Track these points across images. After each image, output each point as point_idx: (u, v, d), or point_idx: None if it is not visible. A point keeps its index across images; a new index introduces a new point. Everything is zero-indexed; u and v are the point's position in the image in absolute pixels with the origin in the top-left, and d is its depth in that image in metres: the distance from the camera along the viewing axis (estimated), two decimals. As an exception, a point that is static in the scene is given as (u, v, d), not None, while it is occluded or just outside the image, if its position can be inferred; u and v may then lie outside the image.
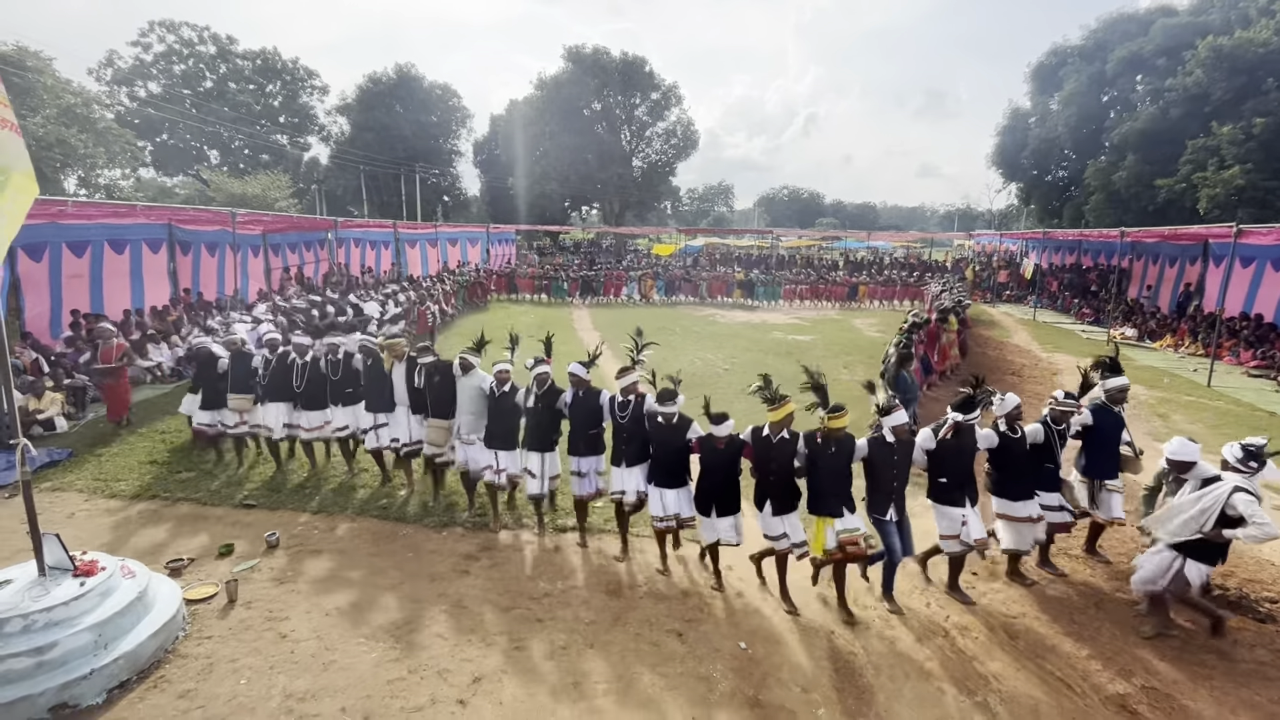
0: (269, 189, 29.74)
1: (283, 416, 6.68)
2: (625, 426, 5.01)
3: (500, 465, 5.57)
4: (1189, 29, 27.91)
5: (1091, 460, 5.17)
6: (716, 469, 4.67)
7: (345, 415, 6.59)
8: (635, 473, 5.02)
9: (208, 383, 6.92)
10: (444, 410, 5.94)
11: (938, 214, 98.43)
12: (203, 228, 15.36)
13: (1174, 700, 3.78)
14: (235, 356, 6.78)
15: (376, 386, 6.37)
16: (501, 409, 5.53)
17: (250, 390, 6.77)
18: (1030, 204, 39.66)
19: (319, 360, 6.58)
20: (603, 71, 44.76)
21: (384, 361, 6.41)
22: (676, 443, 4.79)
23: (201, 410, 6.95)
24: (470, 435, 5.73)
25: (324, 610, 4.49)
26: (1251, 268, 15.28)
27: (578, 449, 5.32)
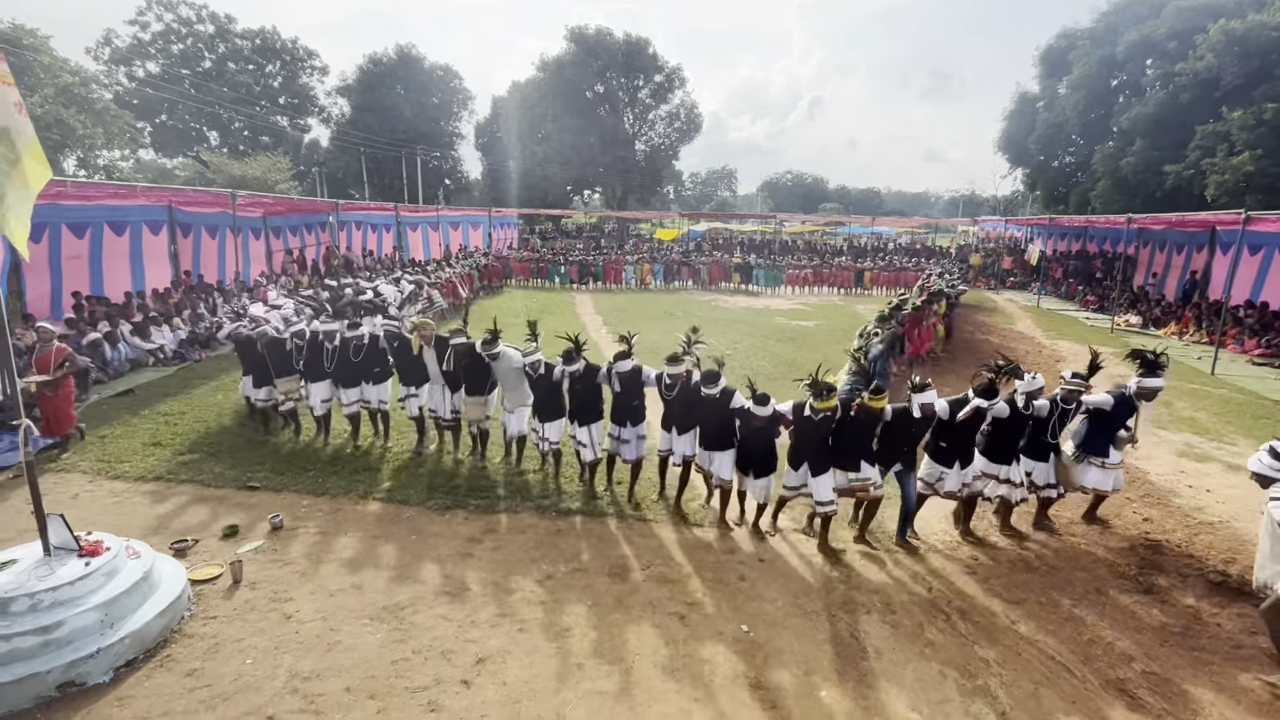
0: (269, 171, 29.55)
1: (324, 393, 7.12)
2: (673, 402, 5.57)
3: (546, 434, 6.10)
4: (1201, 12, 27.44)
5: (1090, 439, 5.40)
6: (756, 436, 5.22)
7: (376, 392, 7.05)
8: (685, 439, 5.61)
9: (252, 364, 7.30)
10: (477, 388, 6.41)
11: (942, 200, 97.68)
12: (203, 210, 15.28)
13: (1174, 685, 3.80)
14: (270, 344, 7.07)
15: (408, 364, 6.82)
16: (543, 387, 6.00)
17: (293, 372, 7.19)
18: (1036, 190, 39.32)
19: (347, 344, 6.94)
20: (605, 53, 44.22)
21: (413, 344, 6.65)
22: (722, 415, 5.29)
23: (256, 388, 7.36)
24: (513, 406, 6.32)
25: (328, 591, 4.52)
26: (1260, 255, 15.16)
27: (621, 419, 5.82)
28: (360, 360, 6.92)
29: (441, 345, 6.46)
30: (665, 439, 5.74)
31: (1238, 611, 4.49)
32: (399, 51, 46.98)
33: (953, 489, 5.30)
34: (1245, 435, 8.18)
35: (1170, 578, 4.90)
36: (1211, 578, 4.86)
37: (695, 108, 48.52)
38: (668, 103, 48.00)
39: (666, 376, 5.48)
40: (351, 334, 6.91)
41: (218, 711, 3.42)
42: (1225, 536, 5.56)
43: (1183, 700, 3.68)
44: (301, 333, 7.07)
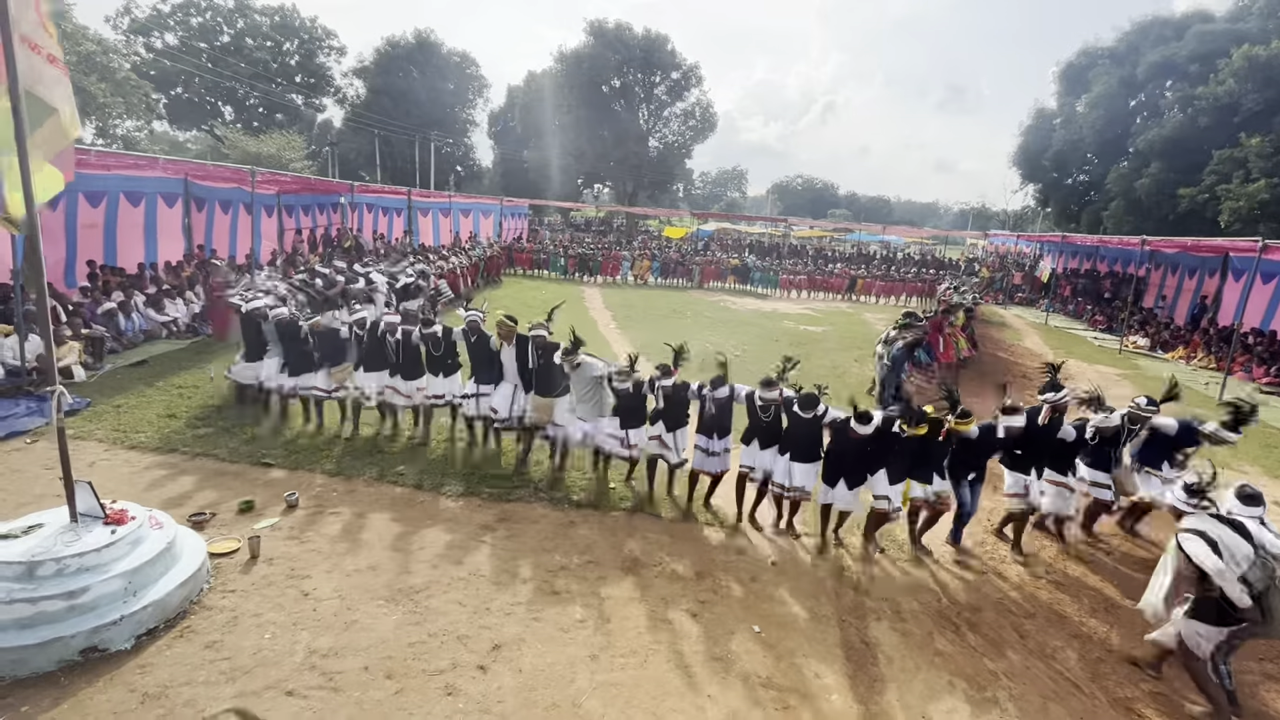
0: (284, 149, 29.53)
1: (378, 383, 6.81)
2: (765, 422, 5.51)
3: (631, 440, 5.91)
4: (1225, 36, 27.40)
5: (1147, 452, 5.66)
6: (849, 452, 5.26)
7: (442, 385, 6.79)
8: (767, 454, 5.55)
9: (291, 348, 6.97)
10: (547, 389, 6.20)
11: (952, 211, 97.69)
12: (218, 184, 15.29)
13: (1181, 707, 3.83)
14: (322, 335, 6.85)
15: (483, 360, 6.51)
16: (633, 403, 5.84)
17: (343, 361, 6.93)
18: (1048, 206, 39.28)
19: (412, 335, 6.66)
20: (624, 48, 44.14)
21: (494, 341, 6.43)
22: (814, 430, 5.36)
23: (294, 375, 6.98)
24: (588, 416, 6.03)
25: (344, 571, 4.56)
26: (1273, 284, 15.16)
27: (710, 432, 5.68)
28: (440, 354, 6.65)
29: (522, 343, 6.25)
30: (748, 454, 5.63)
31: (1245, 637, 4.52)
32: (417, 36, 46.95)
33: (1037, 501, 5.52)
34: (1254, 463, 8.20)
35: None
36: (1219, 602, 4.88)
37: (710, 107, 48.50)
38: (683, 100, 47.94)
39: (759, 399, 5.43)
40: (428, 330, 6.61)
41: (238, 684, 3.46)
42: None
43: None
44: (363, 321, 6.79)
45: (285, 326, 6.89)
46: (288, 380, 6.98)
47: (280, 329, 6.94)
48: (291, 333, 6.87)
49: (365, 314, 7.03)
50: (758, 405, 5.46)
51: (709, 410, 5.61)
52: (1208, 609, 3.63)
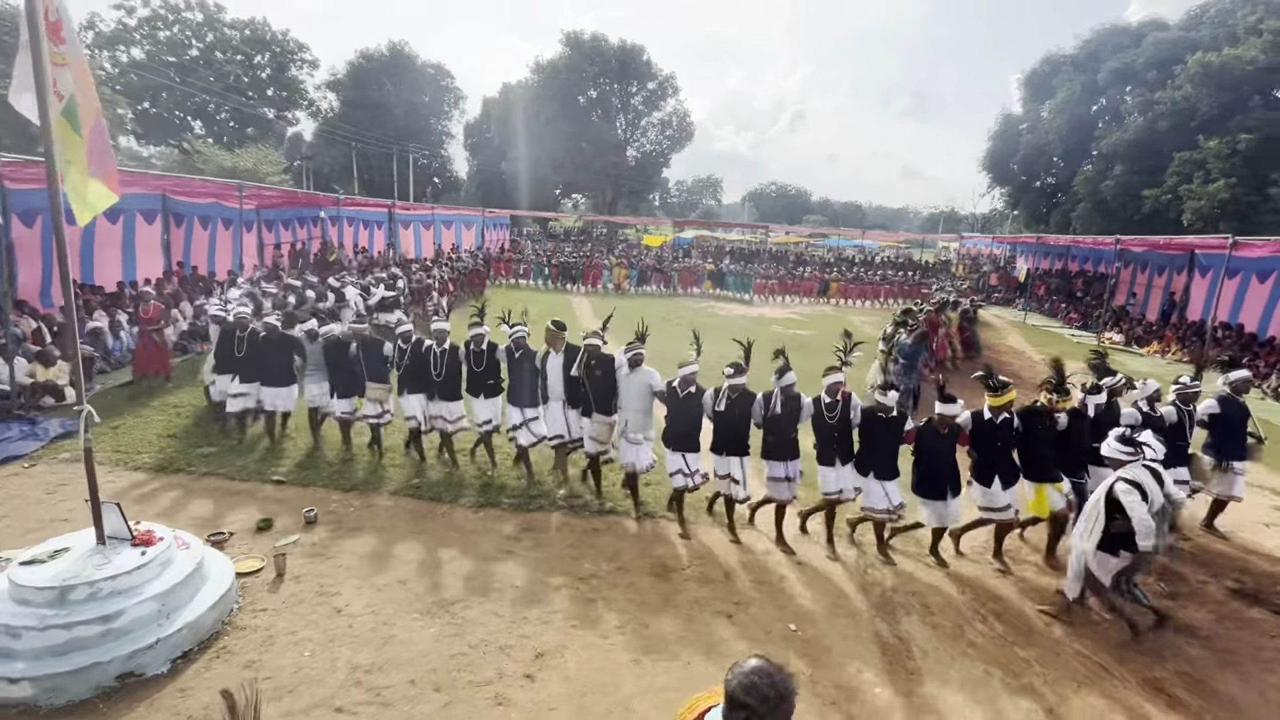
0: (260, 163, 29.05)
1: (423, 408, 6.41)
2: (835, 426, 5.13)
3: (692, 468, 5.39)
4: (1179, 44, 28.59)
5: (1219, 443, 5.74)
6: (942, 452, 5.02)
7: (485, 408, 6.32)
8: (848, 471, 5.20)
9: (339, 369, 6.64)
10: (606, 406, 5.75)
11: (921, 215, 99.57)
12: (196, 200, 15.01)
13: (1206, 685, 3.97)
14: (366, 346, 6.48)
15: (526, 380, 6.08)
16: (685, 411, 5.35)
17: (385, 379, 6.56)
18: (1017, 209, 40.41)
19: (457, 350, 6.29)
20: (600, 59, 44.39)
21: (540, 353, 6.07)
22: (894, 435, 5.09)
23: (341, 397, 6.65)
24: (637, 434, 5.56)
25: (375, 586, 4.50)
26: (1238, 279, 15.78)
27: (781, 454, 5.22)
28: (482, 369, 6.19)
29: (572, 353, 5.81)
30: (829, 476, 5.22)
31: (1256, 616, 4.70)
32: (391, 48, 46.71)
33: None
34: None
35: (1191, 584, 5.10)
36: (1229, 584, 5.07)
37: (687, 116, 48.92)
38: (660, 110, 48.30)
39: (825, 394, 5.14)
40: (473, 333, 6.14)
41: (284, 703, 3.39)
42: (1235, 546, 5.80)
43: (1216, 698, 3.85)
44: (408, 334, 6.40)
45: (333, 347, 6.58)
46: (338, 404, 6.65)
47: (328, 351, 6.64)
48: (340, 354, 6.55)
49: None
50: (824, 405, 5.13)
51: (774, 410, 5.18)
52: (1113, 544, 4.05)
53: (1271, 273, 15.11)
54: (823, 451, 5.22)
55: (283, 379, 6.84)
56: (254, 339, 6.82)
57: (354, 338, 6.57)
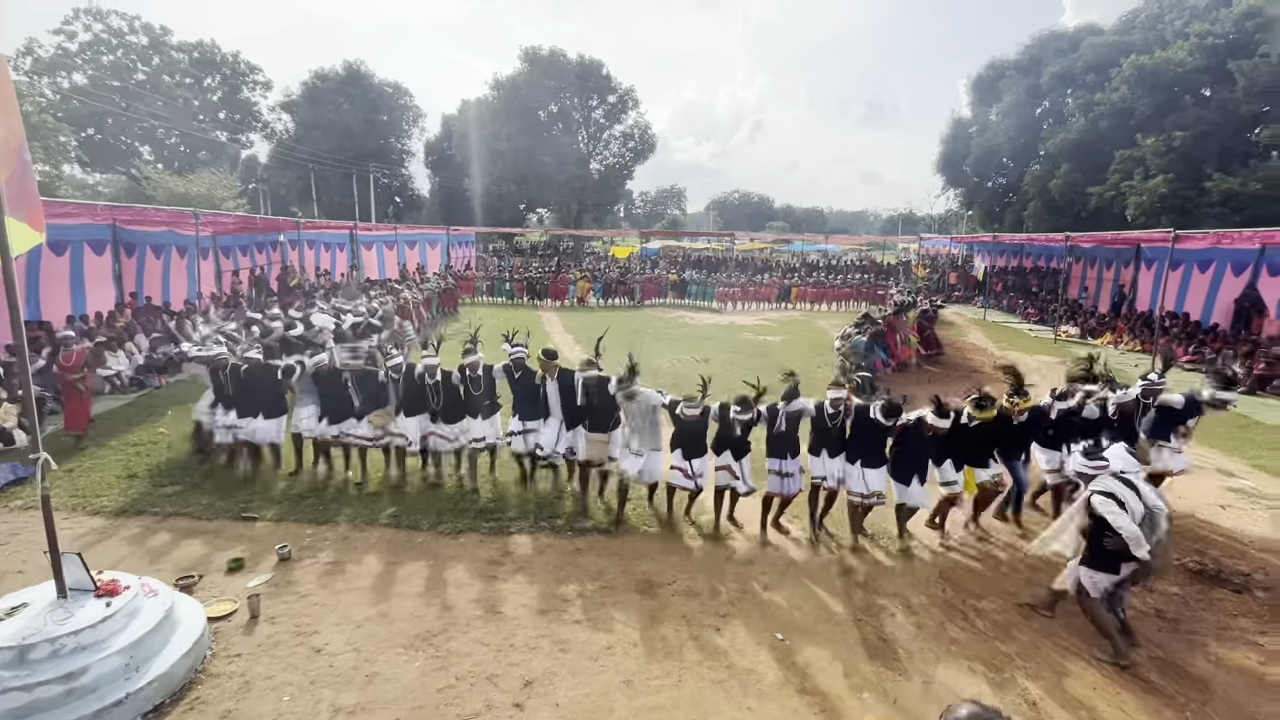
0: (214, 188, 28.29)
1: (421, 428, 6.52)
2: (834, 430, 5.60)
3: (695, 471, 5.70)
4: (1114, 48, 29.96)
5: (1156, 427, 6.14)
6: (920, 448, 5.49)
7: (483, 427, 6.48)
8: (836, 462, 5.62)
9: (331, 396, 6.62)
10: (603, 425, 6.00)
11: (881, 218, 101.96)
12: (148, 228, 14.56)
13: (1177, 667, 4.12)
14: (362, 377, 6.55)
15: (528, 395, 6.30)
16: (692, 428, 5.66)
17: (384, 404, 6.56)
18: (971, 209, 41.70)
19: (450, 376, 6.40)
20: (559, 73, 44.60)
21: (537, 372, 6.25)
22: (883, 434, 5.49)
23: (333, 423, 6.62)
24: (643, 449, 5.77)
25: (354, 622, 4.38)
26: (1180, 270, 16.53)
27: (782, 452, 5.62)
28: (479, 393, 6.37)
29: (566, 378, 6.12)
30: (818, 465, 5.69)
31: (1218, 596, 4.90)
32: (346, 68, 46.13)
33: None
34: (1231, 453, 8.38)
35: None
36: (1190, 566, 5.27)
37: (649, 129, 49.43)
38: (621, 123, 48.71)
39: (829, 405, 5.54)
40: (468, 360, 6.30)
41: (264, 752, 3.28)
42: (1191, 526, 6.04)
43: (1188, 680, 3.99)
44: (400, 365, 6.47)
45: (325, 374, 6.61)
46: (329, 428, 6.63)
47: (319, 378, 6.64)
48: (331, 380, 6.59)
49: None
50: (827, 414, 5.54)
51: (779, 428, 5.56)
52: (1105, 558, 4.05)
53: (1211, 263, 15.88)
54: (815, 444, 5.73)
55: (273, 410, 6.76)
56: (236, 375, 6.69)
57: (348, 369, 6.56)
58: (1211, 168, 24.54)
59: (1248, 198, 23.17)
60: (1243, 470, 7.65)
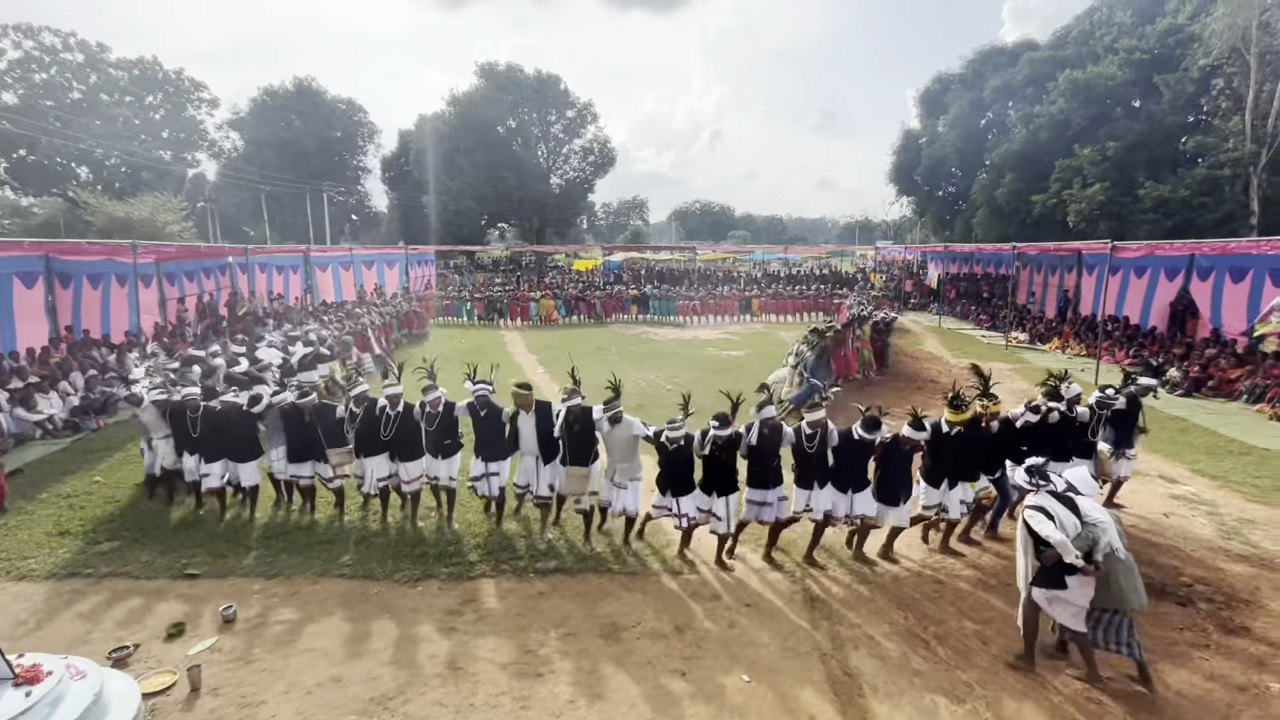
0: (157, 211, 27.21)
1: (382, 469, 6.32)
2: (814, 454, 5.52)
3: (682, 510, 5.58)
4: (1050, 62, 31.37)
5: (1121, 434, 6.54)
6: (901, 465, 5.54)
7: (441, 467, 6.28)
8: (825, 492, 5.58)
9: (296, 435, 6.45)
10: (582, 458, 5.81)
11: (838, 225, 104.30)
12: (85, 257, 13.90)
13: (1127, 687, 4.21)
14: (320, 411, 6.36)
15: (494, 435, 6.10)
16: (676, 459, 5.53)
17: (344, 443, 6.39)
18: (924, 217, 42.98)
19: (411, 410, 6.22)
20: (517, 89, 44.51)
21: (507, 412, 6.04)
22: (865, 454, 5.53)
23: (295, 463, 6.48)
24: (624, 480, 5.73)
25: (305, 689, 4.18)
26: (1119, 275, 17.29)
27: (764, 482, 5.57)
28: (434, 429, 6.18)
29: (544, 411, 5.92)
30: (803, 497, 5.61)
31: (1164, 610, 5.05)
32: (297, 84, 45.20)
33: None
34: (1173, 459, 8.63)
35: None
36: (1139, 581, 5.43)
37: (608, 142, 49.66)
38: (581, 137, 48.82)
39: (806, 427, 5.49)
40: (429, 396, 6.12)
41: (204, 847, 3.08)
42: (1136, 539, 6.24)
43: (1139, 701, 4.09)
44: (362, 397, 6.28)
45: (288, 411, 6.41)
46: (296, 468, 6.48)
47: (285, 414, 6.44)
48: (294, 417, 6.40)
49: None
50: (805, 436, 5.47)
51: (750, 441, 5.47)
52: (1048, 574, 4.08)
53: (1146, 269, 16.65)
54: (801, 475, 5.63)
55: (249, 453, 6.54)
56: (210, 417, 6.46)
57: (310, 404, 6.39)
58: (1143, 176, 25.84)
59: (1177, 203, 24.46)
60: (1184, 476, 7.97)
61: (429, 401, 6.11)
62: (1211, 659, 4.49)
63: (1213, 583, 5.42)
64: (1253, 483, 7.71)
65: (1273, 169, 23.11)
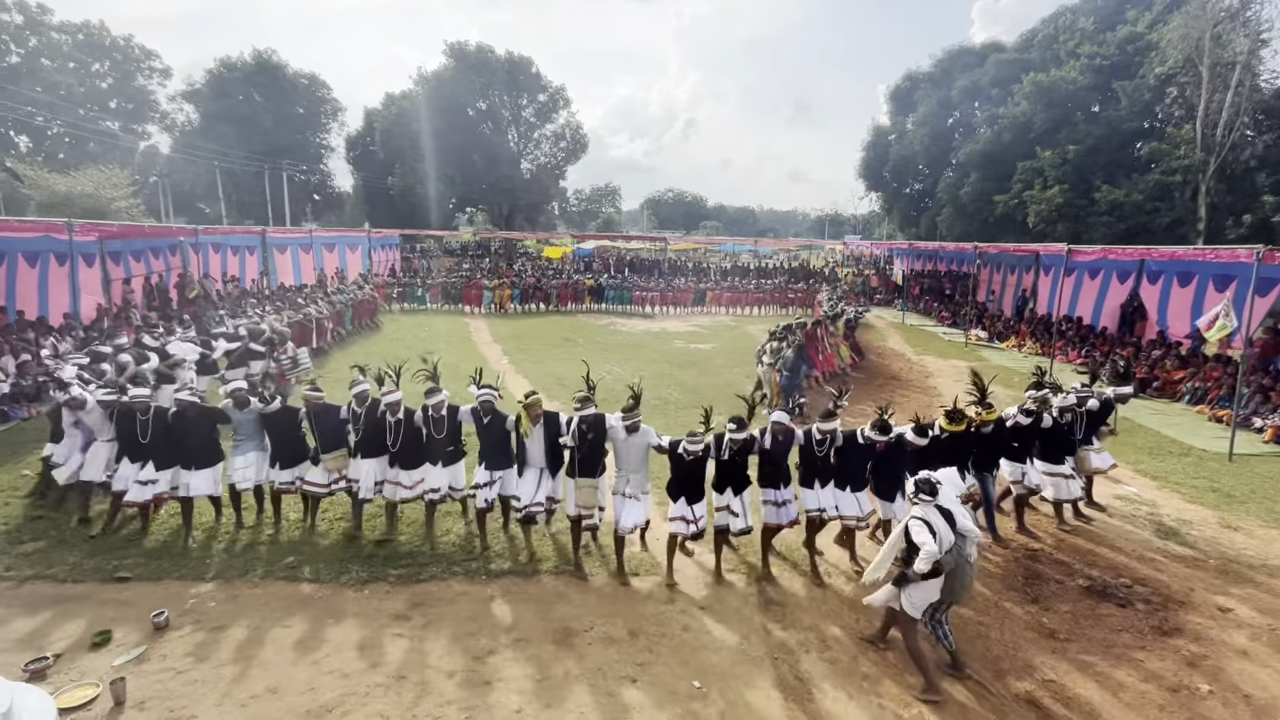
0: (102, 186, 25.83)
1: (378, 473, 5.99)
2: (822, 456, 5.57)
3: (696, 515, 5.44)
4: (1015, 64, 31.98)
5: (1085, 432, 6.75)
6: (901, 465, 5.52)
7: (441, 476, 5.97)
8: (828, 492, 5.64)
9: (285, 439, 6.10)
10: (591, 469, 5.53)
11: (809, 218, 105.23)
12: (21, 234, 13.12)
13: (1068, 690, 4.32)
14: (321, 414, 6.00)
15: (499, 443, 5.81)
16: (693, 469, 5.41)
17: (341, 445, 6.06)
18: (891, 213, 43.64)
19: (413, 416, 5.90)
20: (487, 70, 43.47)
21: (522, 424, 5.61)
22: (867, 456, 5.60)
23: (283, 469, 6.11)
24: (637, 491, 5.50)
25: (239, 701, 4.01)
26: (1073, 276, 17.79)
27: (775, 482, 5.58)
28: (442, 436, 5.84)
29: (552, 421, 5.62)
30: (813, 497, 5.63)
31: (1104, 612, 5.20)
32: (256, 57, 43.34)
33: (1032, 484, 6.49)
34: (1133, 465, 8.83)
35: (1050, 585, 5.57)
36: (1082, 582, 5.59)
37: (580, 128, 48.88)
38: (553, 122, 47.97)
39: (817, 432, 5.52)
40: (433, 400, 5.76)
41: None
42: (1086, 538, 6.42)
43: (1078, 705, 4.20)
44: (363, 396, 5.89)
45: (279, 413, 6.02)
46: (280, 474, 6.08)
47: (268, 418, 6.04)
48: (285, 422, 6.03)
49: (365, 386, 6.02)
50: (815, 441, 5.52)
51: (763, 444, 5.51)
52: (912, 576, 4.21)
53: (1099, 271, 17.17)
54: (806, 475, 5.69)
55: (207, 459, 6.09)
56: (162, 420, 5.97)
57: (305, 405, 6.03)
58: (1100, 179, 26.60)
59: (1130, 207, 25.27)
60: (1126, 475, 8.22)
61: (432, 405, 5.77)
62: (1148, 660, 4.63)
63: (1151, 583, 5.59)
64: (1190, 483, 8.01)
65: (1219, 177, 24.02)
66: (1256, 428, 10.27)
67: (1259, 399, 10.90)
